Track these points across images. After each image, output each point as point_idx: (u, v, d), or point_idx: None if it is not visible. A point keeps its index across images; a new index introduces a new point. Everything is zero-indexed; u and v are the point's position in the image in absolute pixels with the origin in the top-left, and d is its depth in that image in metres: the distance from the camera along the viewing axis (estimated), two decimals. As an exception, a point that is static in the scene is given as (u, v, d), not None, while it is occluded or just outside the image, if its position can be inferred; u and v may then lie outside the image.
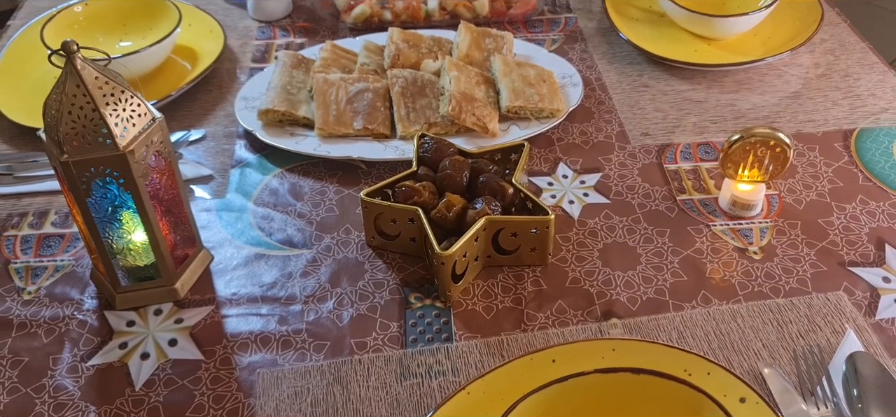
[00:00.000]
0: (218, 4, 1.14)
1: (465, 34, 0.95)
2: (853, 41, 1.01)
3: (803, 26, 0.99)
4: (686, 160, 0.84)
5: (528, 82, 0.88)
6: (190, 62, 1.01)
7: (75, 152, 0.61)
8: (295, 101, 0.89)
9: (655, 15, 1.05)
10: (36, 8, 1.15)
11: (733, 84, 0.94)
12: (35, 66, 0.98)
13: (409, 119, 0.86)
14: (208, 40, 1.03)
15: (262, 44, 1.06)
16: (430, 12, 1.05)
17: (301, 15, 1.11)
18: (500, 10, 1.06)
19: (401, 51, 0.93)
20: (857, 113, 0.89)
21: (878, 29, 2.70)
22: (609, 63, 0.99)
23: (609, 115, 0.90)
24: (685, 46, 0.99)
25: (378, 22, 1.05)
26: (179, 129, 0.91)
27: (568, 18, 1.08)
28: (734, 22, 0.96)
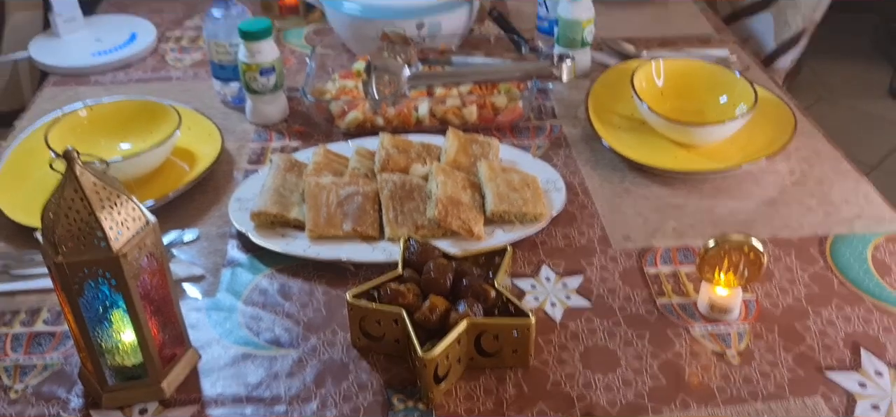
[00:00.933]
0: (217, 108, 1.19)
1: (452, 140, 0.99)
2: (827, 149, 1.05)
3: (778, 134, 1.03)
4: (666, 264, 0.86)
5: (512, 187, 0.91)
6: (188, 163, 1.05)
7: (70, 253, 0.63)
8: (287, 204, 0.91)
9: (636, 122, 1.09)
10: (42, 110, 1.19)
11: (712, 190, 0.98)
12: (37, 167, 1.01)
13: (397, 221, 0.88)
14: (207, 143, 1.07)
15: (257, 146, 1.09)
16: (421, 118, 1.09)
17: (297, 119, 1.15)
18: (488, 117, 1.10)
19: (391, 156, 0.96)
20: (831, 219, 0.92)
21: (855, 132, 2.77)
22: (592, 168, 1.02)
23: (591, 219, 0.93)
24: (665, 153, 1.03)
25: (370, 127, 1.09)
26: (175, 229, 0.94)
27: (553, 125, 1.12)
28: (711, 130, 1.00)
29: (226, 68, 1.16)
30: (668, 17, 1.44)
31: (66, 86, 1.27)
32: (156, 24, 1.44)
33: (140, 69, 1.31)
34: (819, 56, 1.32)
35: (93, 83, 1.27)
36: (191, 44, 1.39)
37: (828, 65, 3.09)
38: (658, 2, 1.50)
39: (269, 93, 1.11)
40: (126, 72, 1.30)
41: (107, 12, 1.51)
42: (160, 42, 1.40)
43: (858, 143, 2.73)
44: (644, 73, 1.08)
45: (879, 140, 2.75)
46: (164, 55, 1.35)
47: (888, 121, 2.85)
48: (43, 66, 1.32)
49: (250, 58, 1.09)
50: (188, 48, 1.38)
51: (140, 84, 1.27)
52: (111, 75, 1.29)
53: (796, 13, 1.38)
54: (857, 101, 2.95)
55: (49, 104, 1.21)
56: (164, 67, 1.32)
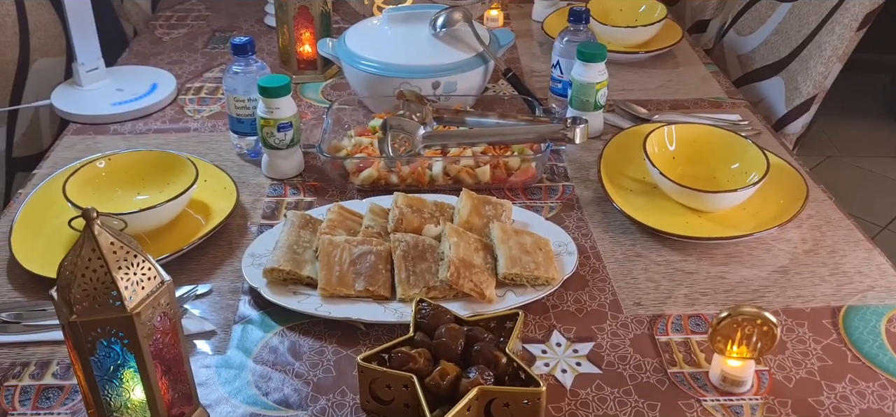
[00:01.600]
0: (234, 161, 1.20)
1: (466, 201, 0.99)
2: (838, 218, 1.05)
3: (790, 201, 1.03)
4: (677, 332, 0.86)
5: (524, 250, 0.92)
6: (203, 215, 1.06)
7: (84, 313, 0.64)
8: (300, 261, 0.92)
9: (648, 185, 1.09)
10: (61, 158, 1.21)
11: (723, 256, 0.98)
12: (54, 216, 1.03)
13: (409, 282, 0.89)
14: (222, 196, 1.08)
15: (272, 200, 1.10)
16: (434, 177, 1.10)
17: (312, 174, 1.16)
18: (501, 177, 1.11)
19: (404, 215, 0.97)
20: (844, 290, 0.92)
21: (863, 192, 2.77)
22: (604, 231, 1.03)
23: (603, 284, 0.93)
24: (677, 217, 1.03)
25: (384, 184, 1.10)
26: (188, 283, 0.94)
27: (565, 186, 1.12)
28: (723, 197, 1.01)
29: (243, 122, 1.18)
30: (679, 80, 1.46)
31: (85, 135, 1.29)
32: (176, 75, 1.46)
33: (159, 119, 1.33)
34: (828, 115, 1.34)
35: (112, 132, 1.29)
36: (209, 95, 1.41)
37: (837, 124, 3.10)
38: (670, 65, 1.51)
39: (286, 148, 1.13)
40: (145, 123, 1.32)
41: (129, 63, 1.54)
42: (180, 93, 1.42)
43: (867, 204, 2.73)
44: (656, 138, 1.09)
45: (888, 201, 2.74)
46: (183, 106, 1.38)
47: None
48: (64, 114, 1.35)
49: (268, 113, 1.10)
50: (207, 100, 1.40)
51: (158, 134, 1.28)
52: (130, 125, 1.31)
53: (807, 79, 1.39)
54: (865, 161, 2.96)
55: (68, 152, 1.23)
56: (183, 118, 1.34)
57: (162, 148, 1.23)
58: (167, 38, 1.66)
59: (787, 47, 1.50)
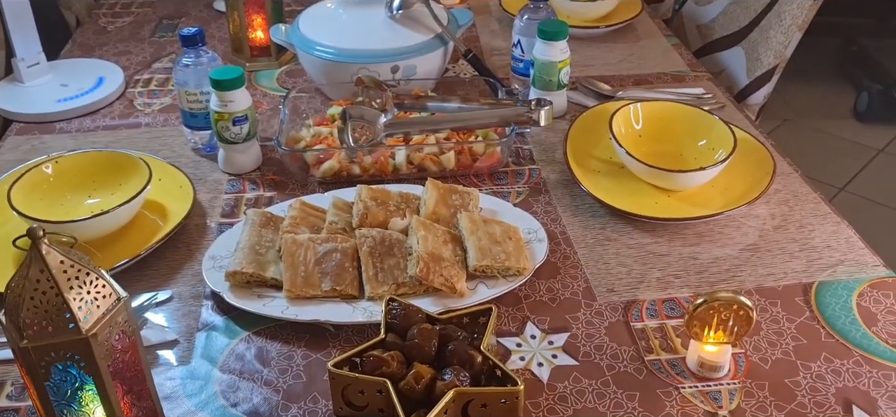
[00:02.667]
0: (188, 156, 1.16)
1: (431, 191, 0.97)
2: (805, 191, 1.05)
3: (758, 176, 1.02)
4: (652, 317, 0.85)
5: (494, 240, 0.90)
6: (159, 216, 1.01)
7: (35, 337, 0.60)
8: (263, 262, 0.89)
9: (615, 166, 1.08)
10: (5, 161, 1.15)
11: (694, 236, 0.97)
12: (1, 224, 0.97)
13: (378, 279, 0.86)
14: (178, 196, 1.04)
15: (231, 197, 1.06)
16: (398, 166, 1.07)
17: (271, 167, 1.12)
18: (466, 164, 1.08)
19: (369, 209, 0.94)
20: (814, 265, 0.91)
21: (821, 154, 2.81)
22: (573, 215, 1.01)
23: (574, 271, 0.92)
24: (646, 198, 1.02)
25: (347, 176, 1.07)
26: (146, 290, 0.90)
27: (531, 170, 1.11)
28: (691, 176, 1.00)
29: (197, 116, 1.13)
30: (641, 54, 1.44)
31: (30, 135, 1.23)
32: (123, 67, 1.40)
33: (107, 115, 1.28)
34: (784, 78, 1.33)
35: (58, 131, 1.24)
36: (159, 88, 1.36)
37: (793, 87, 3.13)
38: (631, 39, 1.50)
39: (242, 142, 1.08)
40: (93, 119, 1.27)
41: (72, 56, 1.47)
42: (128, 86, 1.36)
43: (824, 166, 2.77)
44: (622, 117, 1.07)
45: (846, 162, 2.79)
46: (132, 99, 1.32)
47: (853, 142, 2.90)
48: (6, 113, 1.28)
49: (222, 107, 1.06)
50: (157, 92, 1.34)
51: (108, 131, 1.23)
52: (77, 122, 1.26)
53: (768, 50, 1.39)
54: (822, 123, 3.00)
55: (12, 155, 1.17)
56: (133, 112, 1.28)
57: (112, 146, 1.18)
58: (112, 27, 1.60)
59: (746, 16, 1.49)
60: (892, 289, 0.87)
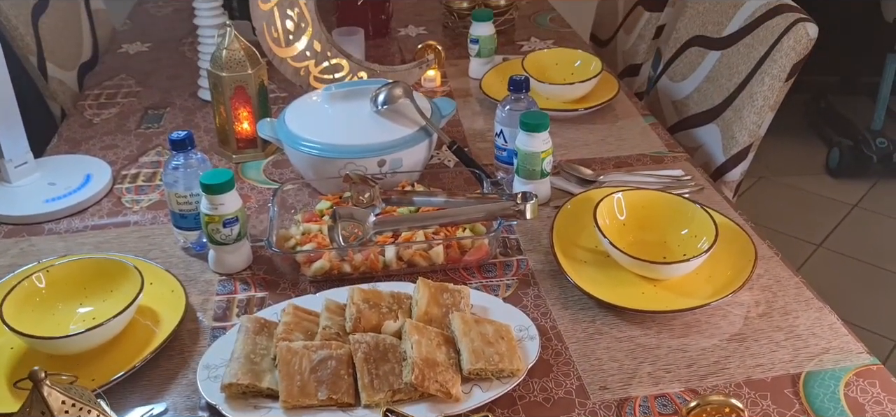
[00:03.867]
0: (178, 257, 1.16)
1: (423, 291, 0.98)
2: (787, 276, 1.07)
3: (740, 262, 1.05)
4: (645, 415, 0.86)
5: (487, 341, 0.91)
6: (152, 321, 1.02)
7: (39, 480, 0.60)
8: (258, 372, 0.89)
9: (601, 255, 1.10)
10: (-8, 267, 1.15)
11: (682, 327, 0.99)
12: (-9, 337, 0.97)
13: (374, 386, 0.87)
14: (169, 300, 1.04)
15: (223, 299, 1.07)
16: (388, 263, 1.09)
17: (261, 265, 1.13)
18: (455, 257, 1.10)
19: (362, 312, 0.95)
20: (801, 355, 0.94)
21: (797, 210, 2.87)
22: (563, 308, 1.03)
23: (567, 368, 0.93)
24: (633, 288, 1.04)
25: (337, 274, 1.08)
26: (141, 402, 0.90)
27: (519, 260, 1.12)
28: (676, 268, 1.02)
29: (187, 217, 1.14)
30: (620, 134, 1.48)
31: (18, 237, 1.23)
32: (110, 161, 1.41)
33: (96, 214, 1.28)
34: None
35: (47, 232, 1.24)
36: (147, 183, 1.37)
37: (765, 143, 3.20)
38: (609, 119, 1.53)
39: (233, 243, 1.09)
40: (81, 219, 1.27)
41: (59, 151, 1.48)
42: (116, 182, 1.37)
43: (801, 222, 2.83)
44: (606, 208, 1.10)
45: (821, 217, 2.85)
46: (120, 196, 1.33)
47: (827, 198, 2.96)
48: (-7, 216, 1.28)
49: (213, 209, 1.07)
50: (144, 188, 1.35)
51: (96, 232, 1.24)
52: (66, 222, 1.26)
53: (742, 129, 1.43)
54: (796, 179, 3.07)
55: (1, 259, 1.17)
56: (121, 210, 1.29)
57: (101, 246, 1.19)
58: (98, 119, 1.61)
59: (719, 95, 1.54)
60: (877, 378, 0.90)
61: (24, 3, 1.77)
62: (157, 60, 1.89)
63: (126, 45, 1.99)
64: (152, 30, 2.09)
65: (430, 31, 2.03)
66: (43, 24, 1.80)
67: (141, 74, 1.81)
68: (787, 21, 1.38)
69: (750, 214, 1.18)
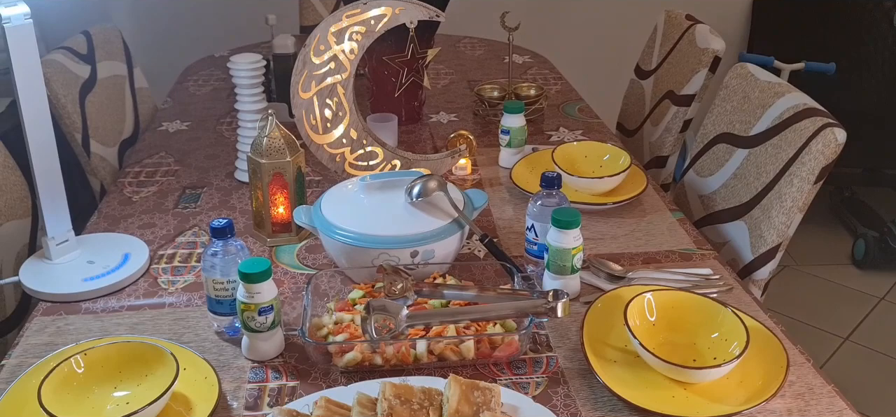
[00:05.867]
0: (212, 341, 1.18)
1: (454, 388, 0.99)
2: (819, 384, 1.07)
3: (772, 368, 1.05)
4: None
5: (517, 442, 0.91)
6: (184, 408, 1.03)
7: None
8: (290, 466, 0.90)
9: (631, 355, 1.10)
10: (31, 345, 1.18)
11: (713, 433, 0.98)
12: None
13: (404, 486, 0.87)
14: (202, 387, 1.06)
15: (255, 387, 1.08)
16: (419, 356, 1.10)
17: (293, 353, 1.15)
18: (485, 352, 1.11)
19: (393, 408, 0.96)
20: (833, 469, 0.93)
21: (823, 302, 2.84)
22: (592, 408, 1.03)
23: (597, 472, 0.93)
24: (663, 391, 1.04)
25: (369, 366, 1.10)
26: (171, 491, 0.91)
27: (549, 358, 1.13)
28: (707, 373, 1.02)
29: (223, 303, 1.17)
30: (648, 229, 1.49)
31: (55, 315, 1.26)
32: (148, 240, 1.45)
33: (132, 294, 1.31)
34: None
35: (83, 311, 1.27)
36: (183, 264, 1.40)
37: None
38: (637, 213, 1.55)
39: (267, 330, 1.11)
40: (118, 299, 1.30)
41: (98, 228, 1.52)
42: (152, 262, 1.40)
43: (827, 314, 2.80)
44: (637, 309, 1.11)
45: (847, 309, 2.82)
46: (156, 277, 1.36)
47: (853, 289, 2.93)
48: (33, 292, 1.32)
49: (249, 298, 1.09)
50: (180, 268, 1.38)
51: (132, 312, 1.26)
52: (102, 302, 1.29)
53: (770, 228, 1.44)
54: (821, 269, 3.05)
55: (38, 337, 1.20)
56: (157, 291, 1.32)
57: (136, 327, 1.21)
58: (137, 197, 1.65)
59: (747, 193, 1.55)
60: (911, 497, 0.88)
61: (73, 83, 1.84)
62: (195, 139, 1.94)
63: (166, 123, 2.05)
64: (192, 108, 2.16)
65: (461, 118, 2.08)
66: (90, 102, 1.87)
67: (180, 153, 1.87)
68: (816, 125, 1.40)
69: (775, 305, 1.18)
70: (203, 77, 2.43)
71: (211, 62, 2.56)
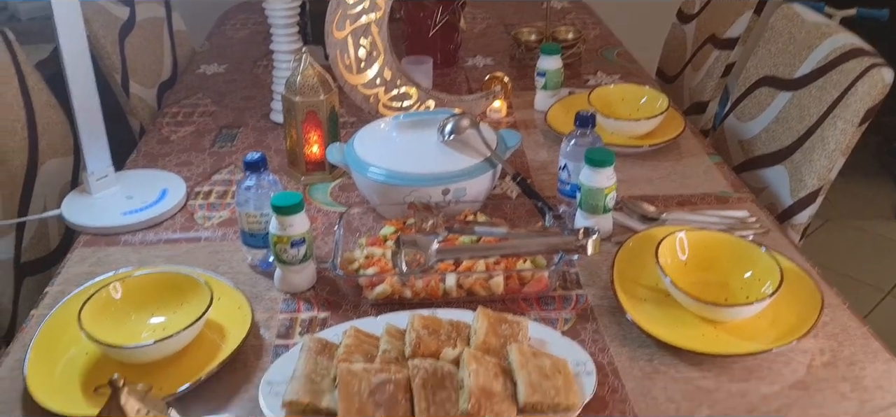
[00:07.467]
0: (245, 273, 1.20)
1: (482, 320, 0.99)
2: (855, 325, 1.05)
3: (806, 309, 1.03)
4: (701, 459, 0.85)
5: (544, 374, 0.91)
6: (218, 335, 1.05)
7: (113, 483, 0.64)
8: (318, 391, 0.92)
9: (662, 293, 1.09)
10: (73, 274, 1.21)
11: (742, 371, 0.97)
12: (70, 343, 1.02)
13: (430, 413, 0.88)
14: (236, 316, 1.08)
15: (286, 317, 1.10)
16: (448, 290, 1.10)
17: (324, 287, 1.16)
18: (515, 288, 1.11)
19: (421, 338, 0.97)
20: (866, 408, 0.91)
21: (864, 255, 2.78)
22: (620, 344, 1.03)
23: (623, 405, 0.93)
24: (692, 329, 1.03)
25: (398, 299, 1.11)
26: (205, 412, 0.94)
27: (579, 296, 1.13)
28: (738, 311, 1.01)
29: (256, 236, 1.18)
30: (684, 172, 1.47)
31: (96, 247, 1.29)
32: (185, 178, 1.47)
33: (169, 228, 1.34)
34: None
35: (123, 244, 1.30)
36: (219, 200, 1.42)
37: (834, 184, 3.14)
38: (674, 157, 1.53)
39: (299, 263, 1.13)
40: (155, 232, 1.33)
41: (137, 165, 1.55)
42: (189, 198, 1.42)
43: (869, 267, 2.74)
44: (668, 248, 1.09)
45: (890, 263, 2.75)
46: (193, 212, 1.38)
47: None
48: (74, 225, 1.35)
49: (282, 230, 1.11)
50: (216, 205, 1.40)
51: (169, 245, 1.29)
52: (141, 235, 1.32)
53: (811, 172, 1.41)
54: (864, 223, 2.98)
55: (79, 267, 1.23)
56: (193, 226, 1.34)
57: (173, 260, 1.24)
58: (174, 136, 1.68)
59: (788, 136, 1.52)
60: (946, 436, 0.87)
61: (112, 24, 1.86)
62: (232, 81, 1.96)
63: (204, 65, 2.07)
64: (229, 51, 2.17)
65: (498, 61, 2.06)
66: (128, 43, 1.90)
67: (217, 94, 1.88)
68: (862, 65, 1.36)
69: (816, 257, 1.16)
70: (241, 21, 2.44)
71: (248, 7, 2.57)
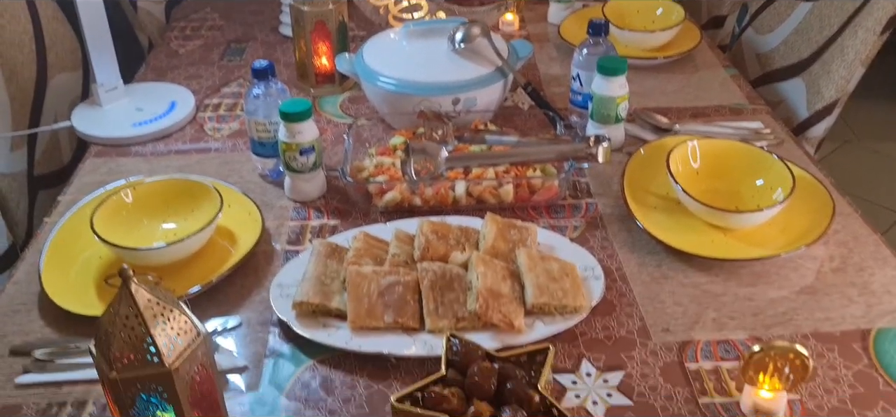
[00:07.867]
0: (256, 182, 1.20)
1: (491, 226, 1.00)
2: (866, 233, 1.04)
3: (817, 216, 1.02)
4: (707, 359, 0.86)
5: (551, 277, 0.92)
6: (229, 241, 1.06)
7: (124, 370, 0.65)
8: (328, 292, 0.92)
9: (672, 201, 1.09)
10: (84, 183, 1.22)
11: (750, 276, 0.97)
12: (83, 248, 1.03)
13: (438, 313, 0.89)
14: (247, 223, 1.08)
15: (297, 224, 1.11)
16: (458, 198, 1.10)
17: (334, 196, 1.17)
18: (524, 196, 1.11)
19: (430, 242, 0.97)
20: (873, 311, 0.91)
21: (880, 176, 2.75)
22: (629, 251, 1.03)
23: (630, 308, 0.93)
24: (702, 236, 1.03)
25: (408, 206, 1.11)
26: (217, 314, 0.95)
27: (588, 203, 1.12)
28: (749, 217, 1.00)
29: (265, 145, 1.18)
30: (698, 85, 1.45)
31: (107, 157, 1.29)
32: (194, 91, 1.47)
33: (179, 139, 1.34)
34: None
35: (133, 154, 1.30)
36: (228, 112, 1.41)
37: (852, 106, 3.06)
38: (689, 69, 1.50)
39: (309, 171, 1.13)
40: (165, 143, 1.33)
41: (146, 79, 1.54)
42: (198, 110, 1.42)
43: (886, 190, 2.71)
44: (679, 155, 1.08)
45: (906, 186, 2.73)
46: (202, 124, 1.38)
47: (913, 166, 2.83)
48: (85, 136, 1.35)
49: (290, 137, 1.10)
50: (226, 116, 1.40)
51: (179, 156, 1.29)
52: (151, 146, 1.32)
53: (829, 83, 1.38)
54: (882, 145, 2.94)
55: (91, 176, 1.24)
56: (203, 137, 1.34)
57: (184, 170, 1.24)
58: (183, 50, 1.67)
59: (807, 48, 1.48)
60: (953, 339, 0.87)
61: (118, -64, 1.83)
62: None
63: (212, -20, 2.04)
64: (237, -34, 2.13)
65: (510, -26, 2.01)
66: (135, -44, 1.87)
67: (225, 9, 1.86)
68: (885, -29, 1.31)
69: (832, 176, 1.14)
70: (249, -64, 2.39)
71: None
